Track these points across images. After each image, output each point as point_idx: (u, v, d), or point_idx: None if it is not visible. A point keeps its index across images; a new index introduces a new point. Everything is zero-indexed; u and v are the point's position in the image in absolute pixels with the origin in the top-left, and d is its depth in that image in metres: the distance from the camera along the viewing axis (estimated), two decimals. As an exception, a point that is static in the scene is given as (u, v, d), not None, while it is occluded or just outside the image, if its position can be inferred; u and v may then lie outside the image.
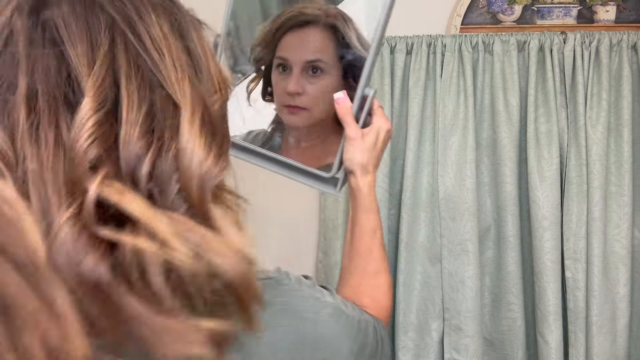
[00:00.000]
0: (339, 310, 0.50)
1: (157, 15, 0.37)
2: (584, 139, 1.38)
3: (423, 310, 1.43)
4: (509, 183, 1.40)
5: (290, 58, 0.71)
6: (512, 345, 1.43)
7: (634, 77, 1.39)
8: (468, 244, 1.39)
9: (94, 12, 0.35)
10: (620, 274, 1.40)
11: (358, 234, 0.69)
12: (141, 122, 0.33)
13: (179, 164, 0.34)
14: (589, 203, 1.39)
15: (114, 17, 0.35)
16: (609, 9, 1.43)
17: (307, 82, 0.71)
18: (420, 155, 1.42)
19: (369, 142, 0.68)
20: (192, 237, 0.31)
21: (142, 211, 0.30)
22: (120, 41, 0.34)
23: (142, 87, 0.34)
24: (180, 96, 0.35)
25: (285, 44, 0.71)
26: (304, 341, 0.45)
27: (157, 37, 0.36)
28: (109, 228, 0.30)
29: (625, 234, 1.39)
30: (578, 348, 1.39)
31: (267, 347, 0.42)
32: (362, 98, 0.68)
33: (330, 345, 0.47)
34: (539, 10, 1.44)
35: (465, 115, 1.39)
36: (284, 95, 0.72)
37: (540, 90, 1.39)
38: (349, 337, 0.51)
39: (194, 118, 0.35)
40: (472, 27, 1.44)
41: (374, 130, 0.68)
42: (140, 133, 0.33)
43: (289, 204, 1.51)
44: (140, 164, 0.32)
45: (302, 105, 0.71)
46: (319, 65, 0.70)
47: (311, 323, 0.46)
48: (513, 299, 1.42)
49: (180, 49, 0.38)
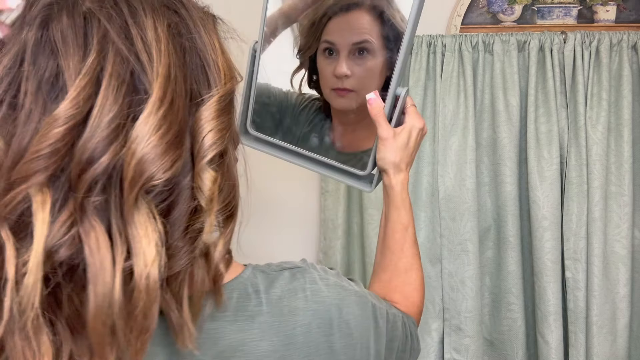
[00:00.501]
0: (365, 299, 0.52)
1: (156, 16, 0.39)
2: (584, 139, 1.38)
3: (423, 310, 1.43)
4: (509, 183, 1.40)
5: (337, 41, 0.71)
6: (512, 345, 1.43)
7: (634, 77, 1.39)
8: (468, 244, 1.39)
9: (91, 24, 0.37)
10: (620, 274, 1.40)
11: (390, 230, 0.71)
12: (106, 125, 0.35)
13: (123, 160, 0.35)
14: (589, 203, 1.39)
15: (106, 27, 0.37)
16: (609, 9, 1.43)
17: (354, 64, 0.71)
18: (420, 155, 1.42)
19: (401, 141, 0.69)
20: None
21: (38, 234, 0.33)
22: (110, 50, 0.37)
23: (119, 92, 0.36)
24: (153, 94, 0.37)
25: (331, 28, 0.71)
26: (332, 325, 0.47)
27: (150, 39, 0.38)
28: (12, 230, 0.33)
29: (626, 234, 1.39)
30: (578, 348, 1.39)
31: (301, 329, 0.45)
32: (394, 97, 0.69)
33: (357, 332, 0.49)
34: (539, 10, 1.44)
35: (466, 115, 1.39)
36: (332, 78, 0.73)
37: (540, 90, 1.39)
38: (377, 327, 0.52)
39: (150, 115, 0.36)
40: (472, 27, 1.44)
41: (407, 130, 0.69)
42: (100, 137, 0.35)
43: (289, 204, 1.51)
44: (88, 168, 0.34)
45: (351, 87, 0.72)
46: (365, 47, 0.70)
47: (336, 309, 0.48)
48: (513, 299, 1.42)
49: (176, 49, 0.39)
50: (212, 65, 0.42)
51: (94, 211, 0.34)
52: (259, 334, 0.44)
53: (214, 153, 0.40)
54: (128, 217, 0.35)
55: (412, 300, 0.70)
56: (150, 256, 0.35)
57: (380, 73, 0.70)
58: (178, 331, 0.39)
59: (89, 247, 0.34)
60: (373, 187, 0.76)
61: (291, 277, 0.48)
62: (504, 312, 1.44)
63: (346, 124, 0.77)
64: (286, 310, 0.45)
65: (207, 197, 0.39)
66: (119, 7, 0.38)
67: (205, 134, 0.39)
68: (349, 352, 0.48)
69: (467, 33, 1.41)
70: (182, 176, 0.38)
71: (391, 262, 0.71)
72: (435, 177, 1.41)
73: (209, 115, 0.40)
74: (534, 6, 1.44)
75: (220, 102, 0.41)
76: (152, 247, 0.35)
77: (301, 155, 0.78)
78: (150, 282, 0.35)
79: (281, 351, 0.44)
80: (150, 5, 0.40)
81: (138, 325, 0.35)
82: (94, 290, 0.33)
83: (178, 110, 0.38)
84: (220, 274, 0.42)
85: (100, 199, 0.35)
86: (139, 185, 0.35)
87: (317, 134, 0.77)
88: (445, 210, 1.40)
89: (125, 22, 0.38)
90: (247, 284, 0.46)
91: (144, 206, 0.36)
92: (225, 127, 0.41)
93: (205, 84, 0.41)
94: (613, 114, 1.40)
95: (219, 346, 0.43)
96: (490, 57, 1.39)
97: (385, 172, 0.70)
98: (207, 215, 0.39)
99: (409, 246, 0.71)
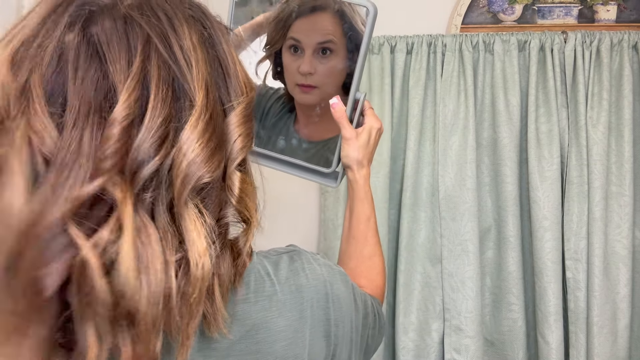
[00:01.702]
0: (346, 277, 0.58)
1: (189, 26, 0.42)
2: (585, 139, 1.38)
3: (423, 310, 1.43)
4: (510, 183, 1.40)
5: (303, 40, 0.78)
6: (513, 345, 1.43)
7: (634, 76, 1.39)
8: (468, 244, 1.39)
9: (133, 28, 0.39)
10: (621, 274, 1.39)
11: (355, 221, 0.78)
12: (157, 127, 0.37)
13: (173, 161, 0.38)
14: (590, 203, 1.38)
15: (148, 33, 0.40)
16: (609, 9, 1.43)
17: (318, 62, 0.78)
18: (420, 155, 1.42)
19: (362, 140, 0.76)
20: (143, 254, 0.36)
21: (128, 227, 0.35)
22: (153, 55, 0.39)
23: (167, 96, 0.39)
24: (196, 101, 0.40)
25: (297, 27, 0.78)
26: (327, 299, 0.52)
27: (187, 48, 0.41)
28: (84, 226, 0.34)
29: (626, 234, 1.39)
30: (579, 348, 1.39)
31: (307, 304, 0.50)
32: (354, 101, 0.76)
33: (345, 306, 0.55)
34: (540, 10, 1.44)
35: (466, 115, 1.38)
36: (297, 74, 0.79)
37: (541, 90, 1.39)
38: (355, 303, 0.58)
39: (198, 121, 0.39)
40: (472, 26, 1.44)
41: (367, 130, 0.77)
42: (154, 138, 0.37)
43: (289, 204, 1.51)
44: (143, 166, 0.37)
45: (314, 84, 0.79)
46: (329, 47, 0.77)
47: (329, 285, 0.53)
48: (513, 299, 1.42)
49: (207, 58, 0.43)
50: (232, 75, 0.45)
51: (144, 207, 0.37)
52: (277, 311, 0.48)
53: (243, 156, 0.44)
54: (179, 212, 0.38)
55: (376, 283, 0.76)
56: (202, 247, 0.38)
57: (341, 71, 0.77)
58: (211, 319, 0.42)
59: (141, 240, 0.36)
60: (338, 183, 0.83)
61: (289, 259, 0.53)
62: (505, 313, 1.44)
63: (309, 116, 0.83)
64: (294, 288, 0.50)
65: (237, 196, 0.43)
66: (157, 15, 0.41)
67: (235, 139, 0.43)
68: (340, 324, 0.53)
69: (468, 33, 1.41)
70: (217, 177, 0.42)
71: (356, 250, 0.77)
72: (435, 177, 1.41)
73: (237, 121, 0.44)
74: (535, 6, 1.44)
75: (247, 109, 0.45)
76: (203, 239, 0.39)
77: (266, 156, 0.83)
78: (205, 270, 0.38)
79: (294, 325, 0.49)
80: (183, 15, 0.42)
81: (190, 312, 0.38)
82: (147, 279, 0.35)
83: (217, 117, 0.42)
84: (245, 264, 0.46)
85: (150, 196, 0.37)
86: (191, 185, 0.38)
87: (283, 135, 0.84)
88: (446, 211, 1.40)
89: (164, 29, 0.40)
90: (259, 267, 0.50)
91: (191, 203, 0.39)
92: (250, 132, 0.45)
93: (226, 92, 0.44)
94: (614, 114, 1.39)
95: (246, 326, 0.47)
96: (490, 56, 1.39)
97: (349, 168, 0.77)
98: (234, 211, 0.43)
99: (372, 235, 0.78)
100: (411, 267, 1.43)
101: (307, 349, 0.49)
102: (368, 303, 0.64)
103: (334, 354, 0.53)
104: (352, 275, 0.76)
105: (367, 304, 0.63)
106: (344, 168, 0.79)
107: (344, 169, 0.80)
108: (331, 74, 0.78)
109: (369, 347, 0.64)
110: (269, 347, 0.47)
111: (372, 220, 0.78)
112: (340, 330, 0.53)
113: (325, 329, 0.51)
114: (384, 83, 1.39)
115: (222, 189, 0.43)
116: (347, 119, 0.76)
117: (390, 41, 1.39)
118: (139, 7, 0.40)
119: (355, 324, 0.57)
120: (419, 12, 1.45)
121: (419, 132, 1.41)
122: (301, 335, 0.49)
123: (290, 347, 0.48)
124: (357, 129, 0.77)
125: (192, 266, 0.38)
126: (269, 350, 0.47)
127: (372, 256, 0.77)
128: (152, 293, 0.35)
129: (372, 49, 1.39)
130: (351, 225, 0.78)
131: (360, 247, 0.77)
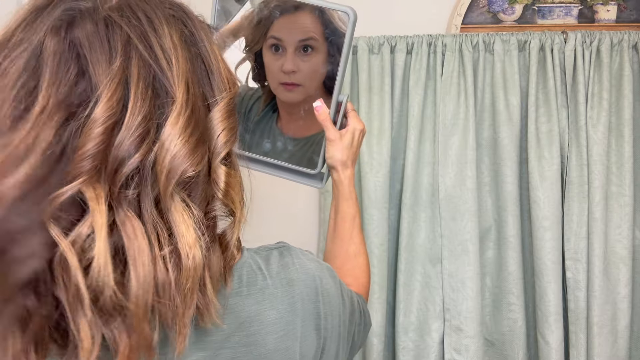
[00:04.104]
0: (334, 273, 0.60)
1: (170, 26, 0.43)
2: (585, 139, 1.38)
3: (423, 310, 1.43)
4: (510, 183, 1.39)
5: (284, 38, 0.78)
6: (513, 345, 1.43)
7: (634, 76, 1.39)
8: (468, 244, 1.39)
9: (113, 31, 0.40)
10: (621, 274, 1.39)
11: (340, 220, 0.79)
12: (138, 125, 0.38)
13: (156, 157, 0.39)
14: (590, 203, 1.38)
15: (129, 33, 0.41)
16: (609, 9, 1.43)
17: (300, 60, 0.78)
18: (420, 155, 1.42)
19: (346, 141, 0.78)
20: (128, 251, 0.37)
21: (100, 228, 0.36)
22: (134, 55, 0.40)
23: (147, 95, 0.40)
24: (177, 98, 0.41)
25: (277, 26, 0.78)
26: (317, 293, 0.53)
27: (168, 47, 0.42)
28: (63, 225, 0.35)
29: (626, 234, 1.39)
30: (579, 348, 1.39)
31: (299, 297, 0.51)
32: (337, 103, 0.77)
33: (334, 300, 0.56)
34: (540, 10, 1.44)
35: (466, 115, 1.38)
36: (280, 73, 0.79)
37: (541, 90, 1.39)
38: (343, 298, 0.59)
39: (179, 117, 0.40)
40: (472, 26, 1.43)
41: (350, 131, 0.79)
42: (134, 136, 0.38)
43: (288, 204, 1.51)
44: (124, 164, 0.38)
45: (297, 82, 0.79)
46: (310, 44, 0.78)
47: (318, 279, 0.54)
48: (514, 299, 1.41)
49: (189, 56, 0.44)
50: (215, 72, 0.46)
51: (128, 203, 0.38)
52: (269, 304, 0.50)
53: (228, 150, 0.45)
54: (165, 206, 0.39)
55: (361, 281, 0.78)
56: (191, 238, 0.40)
57: (323, 67, 0.78)
58: (204, 310, 0.43)
59: (126, 235, 0.37)
60: (324, 184, 0.84)
61: (279, 254, 0.54)
62: (505, 313, 1.43)
63: (293, 113, 0.84)
64: (285, 282, 0.52)
65: (222, 189, 0.44)
66: (137, 16, 0.42)
67: (219, 133, 0.44)
68: (329, 318, 0.55)
69: (468, 33, 1.40)
70: (202, 171, 0.42)
71: (342, 249, 0.79)
72: (435, 177, 1.41)
73: (220, 116, 0.45)
74: (535, 6, 1.44)
75: (229, 105, 0.46)
76: (191, 230, 0.40)
77: (252, 159, 0.84)
78: (196, 261, 0.40)
79: (286, 318, 0.50)
80: (163, 15, 0.43)
81: (184, 302, 0.39)
82: (135, 273, 0.37)
83: (199, 112, 0.43)
84: (234, 257, 0.48)
85: (133, 192, 0.38)
86: (175, 178, 0.39)
87: (267, 136, 0.85)
88: (446, 211, 1.40)
89: (144, 29, 0.42)
90: (251, 262, 0.52)
91: (178, 196, 0.40)
92: (233, 127, 0.46)
93: (209, 88, 0.46)
94: (614, 114, 1.39)
95: (239, 318, 0.48)
96: (490, 56, 1.39)
97: (334, 169, 0.79)
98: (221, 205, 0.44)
99: (356, 233, 0.79)
100: (411, 267, 1.42)
101: (299, 342, 0.51)
102: (354, 300, 0.65)
103: (324, 347, 0.54)
104: (338, 274, 0.76)
105: (353, 300, 0.65)
106: (329, 169, 0.81)
107: (329, 170, 0.81)
108: (314, 71, 0.78)
109: (355, 342, 0.65)
110: (261, 339, 0.48)
111: (357, 220, 0.79)
112: (329, 324, 0.55)
113: (316, 322, 0.53)
114: (384, 83, 1.39)
115: (208, 183, 0.44)
116: (331, 121, 0.77)
117: (390, 41, 1.39)
118: (118, 9, 0.41)
119: (343, 318, 0.58)
120: (419, 12, 1.45)
121: (419, 132, 1.41)
122: (292, 328, 0.50)
123: (283, 339, 0.49)
124: (340, 130, 0.78)
125: (182, 257, 0.39)
126: (262, 342, 0.48)
127: (357, 255, 0.79)
128: (141, 285, 0.37)
129: (372, 49, 1.39)
130: (337, 224, 0.80)
131: (346, 246, 0.78)
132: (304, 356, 0.51)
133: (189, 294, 0.40)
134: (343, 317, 0.58)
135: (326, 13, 0.75)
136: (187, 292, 0.39)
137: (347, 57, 0.75)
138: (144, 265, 0.37)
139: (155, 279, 0.38)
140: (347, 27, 0.73)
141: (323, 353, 0.55)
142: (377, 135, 1.39)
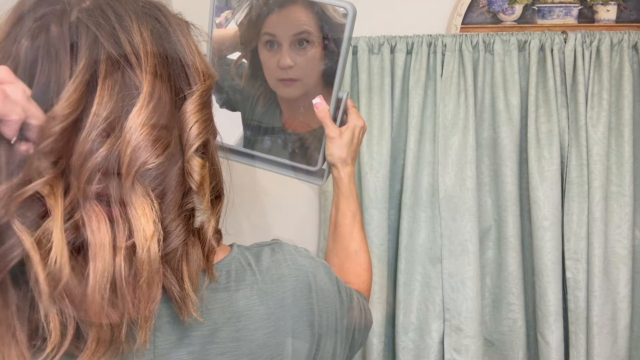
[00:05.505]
0: (330, 269, 0.60)
1: (140, 22, 0.44)
2: (585, 139, 1.38)
3: (423, 310, 1.43)
4: (510, 183, 1.39)
5: (278, 34, 0.77)
6: (513, 345, 1.43)
7: (634, 76, 1.39)
8: (468, 244, 1.39)
9: (80, 32, 0.41)
10: (621, 274, 1.39)
11: (341, 217, 0.79)
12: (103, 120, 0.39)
13: (119, 150, 0.40)
14: (590, 203, 1.38)
15: (95, 33, 0.42)
16: (609, 9, 1.43)
17: (296, 54, 0.77)
18: (420, 155, 1.42)
19: (346, 138, 0.77)
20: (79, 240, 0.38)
21: (56, 222, 0.37)
22: (101, 53, 0.41)
23: (114, 91, 0.40)
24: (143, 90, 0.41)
25: (271, 22, 0.77)
26: (310, 290, 0.54)
27: (137, 43, 0.43)
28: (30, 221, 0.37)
29: (626, 234, 1.39)
30: (579, 349, 1.39)
31: (289, 293, 0.52)
32: (337, 100, 0.77)
33: (329, 297, 0.56)
34: (540, 10, 1.44)
35: (466, 115, 1.38)
36: (277, 69, 0.78)
37: (541, 90, 1.39)
38: (340, 295, 0.59)
39: (141, 109, 0.41)
40: (472, 26, 1.43)
41: (350, 128, 0.78)
42: (99, 131, 0.39)
43: (289, 204, 1.51)
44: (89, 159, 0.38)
45: (295, 77, 0.78)
46: (305, 37, 0.76)
47: (312, 276, 0.55)
48: (514, 299, 1.42)
49: (160, 51, 0.44)
50: (191, 65, 0.47)
51: (95, 197, 0.39)
52: (258, 299, 0.50)
53: (201, 141, 0.45)
54: (126, 199, 0.40)
55: (362, 279, 0.78)
56: (149, 232, 0.40)
57: (320, 61, 0.77)
58: (181, 304, 0.44)
59: (90, 229, 0.38)
60: (324, 181, 0.84)
61: (271, 251, 0.55)
62: (505, 313, 1.43)
63: (293, 108, 0.83)
64: (275, 278, 0.52)
65: (197, 181, 0.45)
66: (106, 15, 0.43)
67: (191, 125, 0.45)
68: (324, 315, 0.55)
69: (468, 33, 1.40)
70: (173, 163, 0.43)
71: (342, 246, 0.79)
72: (435, 177, 1.41)
73: (193, 108, 0.45)
74: (535, 6, 1.44)
75: (202, 97, 0.46)
76: (151, 224, 0.40)
77: (254, 156, 0.84)
78: (152, 254, 0.40)
79: (276, 313, 0.50)
80: (134, 13, 0.44)
81: (144, 295, 0.40)
82: (94, 266, 0.38)
83: (165, 104, 0.43)
84: (213, 249, 0.48)
85: (100, 186, 0.39)
86: (134, 170, 0.40)
87: (269, 132, 0.84)
88: (446, 211, 1.40)
89: (113, 27, 0.42)
90: (240, 258, 0.52)
91: (140, 189, 0.40)
92: (207, 119, 0.47)
93: (186, 82, 0.46)
94: (614, 114, 1.39)
95: (227, 313, 0.48)
96: (490, 56, 1.39)
97: (334, 166, 0.79)
98: (197, 197, 0.45)
99: (357, 231, 0.79)
100: (411, 267, 1.42)
101: (290, 338, 0.51)
102: (354, 297, 0.65)
103: (318, 343, 0.54)
104: (339, 272, 0.77)
105: (353, 297, 0.64)
106: (329, 166, 0.80)
107: (329, 167, 0.81)
108: (311, 64, 0.77)
109: (355, 340, 0.65)
110: (250, 334, 0.49)
111: (357, 217, 0.79)
112: (324, 321, 0.55)
113: (309, 318, 0.53)
114: (384, 83, 1.39)
115: (182, 175, 0.44)
116: (331, 118, 0.76)
117: (390, 41, 1.39)
118: (87, 10, 0.43)
119: (340, 315, 0.58)
120: (419, 12, 1.45)
121: (419, 132, 1.41)
122: (283, 324, 0.51)
123: (272, 334, 0.50)
124: (340, 127, 0.78)
125: (137, 250, 0.39)
126: (251, 337, 0.49)
127: (358, 252, 0.78)
128: (99, 279, 0.38)
129: (372, 49, 1.39)
130: (337, 222, 0.79)
131: (347, 244, 0.78)
132: (296, 352, 0.52)
133: (147, 287, 0.40)
134: (340, 314, 0.58)
135: (322, 8, 0.74)
136: (144, 285, 0.40)
137: (346, 53, 0.74)
138: (103, 259, 0.38)
139: (114, 273, 0.38)
140: (346, 22, 0.72)
141: (318, 350, 0.55)
142: (377, 135, 1.39)
